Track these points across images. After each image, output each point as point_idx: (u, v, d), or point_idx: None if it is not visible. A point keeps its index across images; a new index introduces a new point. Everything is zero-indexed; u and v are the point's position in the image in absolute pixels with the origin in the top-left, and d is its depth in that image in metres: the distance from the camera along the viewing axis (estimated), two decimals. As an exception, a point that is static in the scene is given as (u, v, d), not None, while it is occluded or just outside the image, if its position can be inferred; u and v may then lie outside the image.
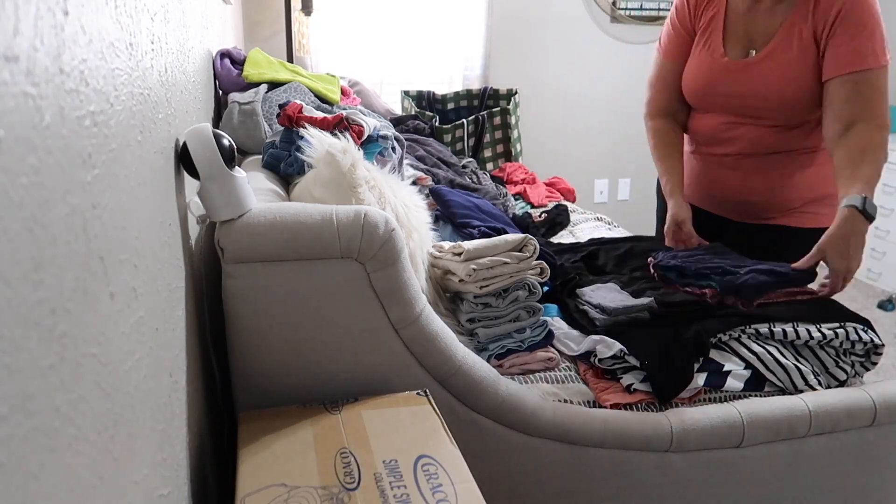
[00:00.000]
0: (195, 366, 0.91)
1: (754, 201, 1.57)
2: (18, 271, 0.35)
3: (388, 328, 1.02)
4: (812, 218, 1.53)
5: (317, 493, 0.74)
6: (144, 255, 0.65)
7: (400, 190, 1.30)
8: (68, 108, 0.44)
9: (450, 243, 1.31)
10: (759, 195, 1.55)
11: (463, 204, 1.64)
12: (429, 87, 2.79)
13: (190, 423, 0.83)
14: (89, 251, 0.47)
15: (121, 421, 0.52)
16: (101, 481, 0.47)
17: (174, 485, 0.70)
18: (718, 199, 1.64)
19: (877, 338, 1.26)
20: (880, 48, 1.36)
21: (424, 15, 3.14)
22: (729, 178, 1.58)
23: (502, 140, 2.66)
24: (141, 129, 0.67)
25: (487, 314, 1.24)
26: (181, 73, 0.99)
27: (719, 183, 1.61)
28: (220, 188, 0.92)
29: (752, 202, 1.57)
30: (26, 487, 0.35)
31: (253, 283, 0.96)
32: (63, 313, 0.41)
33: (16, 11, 0.36)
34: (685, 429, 1.12)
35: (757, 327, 1.25)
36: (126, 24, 0.62)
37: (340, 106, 1.74)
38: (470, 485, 0.76)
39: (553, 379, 1.22)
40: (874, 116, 1.36)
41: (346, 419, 0.89)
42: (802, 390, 1.22)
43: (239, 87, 1.67)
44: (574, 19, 3.37)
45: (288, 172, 1.33)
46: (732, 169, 1.57)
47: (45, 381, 0.38)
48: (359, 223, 0.97)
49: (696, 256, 1.42)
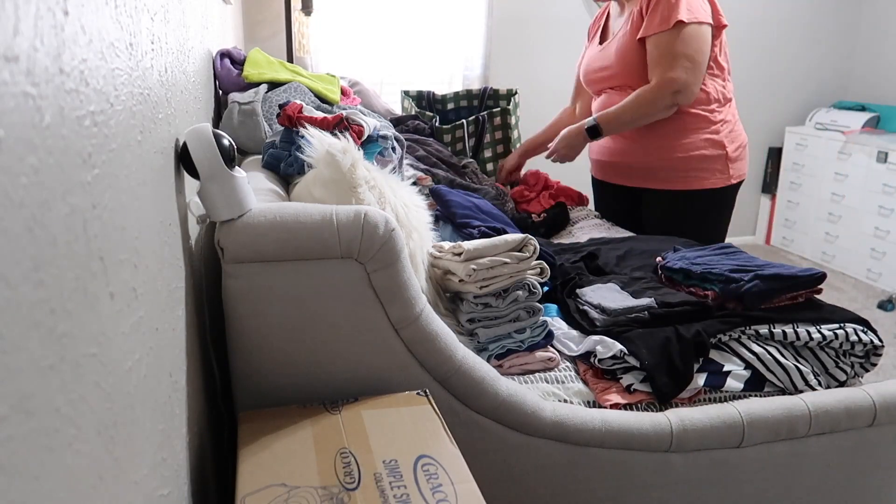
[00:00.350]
0: (195, 366, 0.91)
1: (639, 161, 1.94)
2: (18, 271, 0.35)
3: (388, 328, 1.02)
4: (695, 180, 1.87)
5: (317, 493, 0.74)
6: (144, 255, 0.65)
7: (400, 190, 1.30)
8: (68, 108, 0.44)
9: (450, 243, 1.31)
10: (642, 154, 1.92)
11: (463, 204, 1.64)
12: (429, 87, 2.79)
13: (190, 423, 0.83)
14: (89, 251, 0.47)
15: (121, 421, 0.52)
16: (101, 481, 0.47)
17: (174, 485, 0.70)
18: (614, 167, 2.03)
19: (876, 339, 1.26)
20: (667, 17, 1.73)
21: (424, 15, 3.14)
22: (613, 144, 2.00)
23: (502, 140, 2.66)
24: (141, 129, 0.67)
25: (487, 314, 1.24)
26: (181, 73, 0.99)
27: (608, 149, 2.03)
28: (220, 188, 0.92)
29: (638, 163, 1.94)
30: (26, 488, 0.35)
31: (253, 283, 0.96)
32: (63, 313, 0.41)
33: (16, 11, 0.36)
34: (685, 429, 1.12)
35: (757, 328, 1.25)
36: (126, 24, 0.62)
37: (340, 106, 1.74)
38: (470, 485, 0.76)
39: (553, 379, 1.22)
40: (654, 75, 1.76)
41: (346, 419, 0.89)
42: (802, 390, 1.22)
43: (239, 87, 1.67)
44: (574, 19, 3.37)
45: (288, 172, 1.33)
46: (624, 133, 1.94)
47: (45, 381, 0.38)
48: (359, 223, 0.97)
49: (703, 258, 1.43)
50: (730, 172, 1.88)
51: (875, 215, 3.47)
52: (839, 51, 4.01)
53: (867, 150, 3.49)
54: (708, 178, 1.87)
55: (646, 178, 1.95)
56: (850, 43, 4.01)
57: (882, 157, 3.41)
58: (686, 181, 1.88)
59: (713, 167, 1.86)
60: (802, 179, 3.91)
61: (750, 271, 1.32)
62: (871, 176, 3.48)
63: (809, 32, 3.91)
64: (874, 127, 3.72)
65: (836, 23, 3.94)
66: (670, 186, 1.90)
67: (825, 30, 3.94)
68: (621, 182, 2.03)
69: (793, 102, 4.02)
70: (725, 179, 1.88)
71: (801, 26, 3.87)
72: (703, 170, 1.86)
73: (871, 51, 3.94)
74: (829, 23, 3.93)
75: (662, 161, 1.88)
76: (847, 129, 3.69)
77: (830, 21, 3.93)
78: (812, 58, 3.97)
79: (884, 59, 3.87)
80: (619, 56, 1.86)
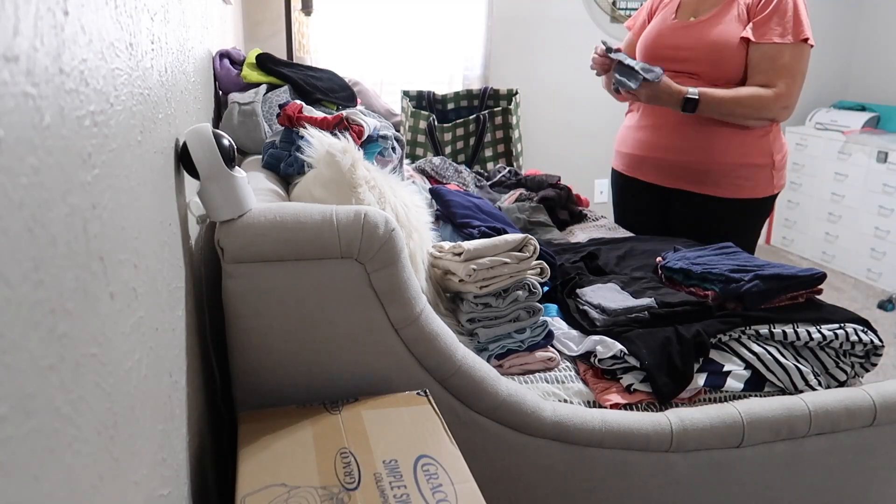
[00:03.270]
0: (195, 366, 0.91)
1: (687, 162, 1.80)
2: (18, 271, 0.35)
3: (388, 328, 1.02)
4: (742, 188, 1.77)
5: (317, 493, 0.74)
6: (144, 255, 0.65)
7: (400, 190, 1.30)
8: (68, 108, 0.44)
9: (450, 243, 1.31)
10: (693, 155, 1.79)
11: (463, 204, 1.64)
12: (429, 87, 2.79)
13: (190, 423, 0.83)
14: (89, 251, 0.47)
15: (121, 421, 0.52)
16: (101, 481, 0.47)
17: (174, 485, 0.70)
18: (652, 163, 1.88)
19: (876, 339, 1.26)
20: (792, 30, 1.65)
21: (424, 15, 3.14)
22: (656, 139, 1.85)
23: (503, 140, 2.67)
24: (141, 129, 0.67)
25: (487, 314, 1.24)
26: (181, 73, 0.99)
27: (648, 144, 1.87)
28: (220, 188, 0.92)
29: (686, 164, 1.80)
30: (26, 488, 0.35)
31: (253, 283, 0.96)
32: (63, 313, 0.41)
33: (16, 11, 0.36)
34: (685, 429, 1.12)
35: (757, 328, 1.25)
36: (126, 24, 0.62)
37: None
38: (470, 485, 0.76)
39: (553, 379, 1.22)
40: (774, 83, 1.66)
41: (346, 419, 0.89)
42: (802, 390, 1.22)
43: (239, 87, 1.67)
44: (574, 20, 3.37)
45: (288, 172, 1.33)
46: (670, 128, 1.81)
47: (45, 381, 0.38)
48: (359, 223, 0.97)
49: (704, 258, 1.43)
50: (774, 182, 1.79)
51: (875, 215, 3.47)
52: (839, 51, 4.01)
53: (867, 150, 3.49)
54: (755, 187, 1.77)
55: (688, 181, 1.81)
56: (850, 43, 4.01)
57: (882, 157, 3.41)
58: (732, 189, 1.77)
59: (760, 175, 1.76)
60: (802, 179, 3.91)
61: (750, 271, 1.32)
62: (871, 176, 3.48)
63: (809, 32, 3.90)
64: (874, 127, 3.72)
65: (836, 23, 3.94)
66: (713, 192, 1.78)
67: (825, 30, 3.94)
68: (654, 180, 1.88)
69: (793, 102, 4.01)
70: (770, 189, 1.79)
71: (801, 26, 3.86)
72: (751, 178, 1.76)
73: (871, 51, 3.94)
74: (829, 23, 3.93)
75: (713, 164, 1.77)
76: (847, 129, 3.69)
77: (830, 21, 3.93)
78: (812, 58, 3.96)
79: (884, 59, 3.87)
80: (711, 45, 1.70)
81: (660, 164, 1.85)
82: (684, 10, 1.81)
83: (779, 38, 1.65)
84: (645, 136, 1.88)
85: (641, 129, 1.89)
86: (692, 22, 1.76)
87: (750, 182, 1.77)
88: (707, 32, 1.72)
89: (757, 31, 1.67)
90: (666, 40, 1.80)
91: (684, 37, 1.76)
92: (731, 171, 1.76)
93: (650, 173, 1.89)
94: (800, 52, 1.67)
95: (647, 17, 1.95)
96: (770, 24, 1.66)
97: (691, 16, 1.79)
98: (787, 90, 1.66)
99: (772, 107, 1.66)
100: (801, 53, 1.67)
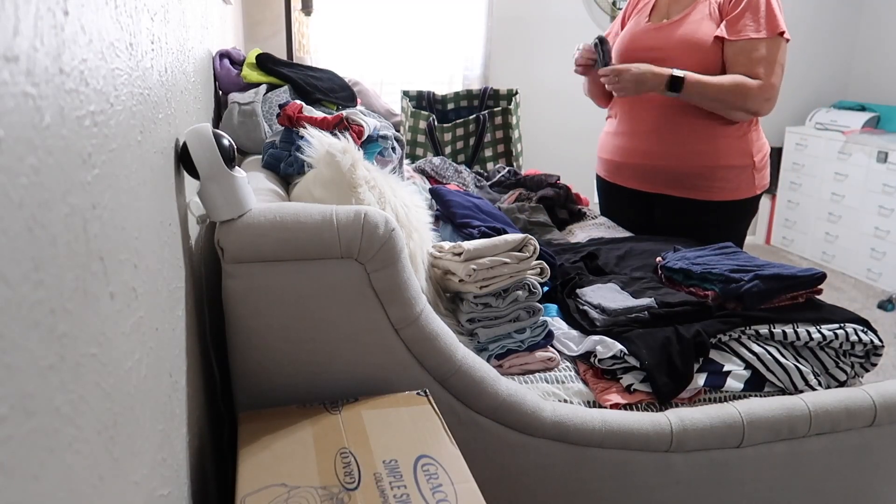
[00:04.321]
0: (195, 366, 0.91)
1: (665, 167, 1.82)
2: (18, 271, 0.35)
3: (388, 328, 1.02)
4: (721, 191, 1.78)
5: (317, 493, 0.74)
6: (144, 255, 0.65)
7: (400, 190, 1.30)
8: (68, 108, 0.44)
9: (450, 243, 1.31)
10: (670, 160, 1.80)
11: (463, 204, 1.64)
12: (429, 87, 2.79)
13: (190, 423, 0.83)
14: (89, 251, 0.47)
15: (121, 421, 0.52)
16: (101, 481, 0.47)
17: (174, 485, 0.70)
18: (630, 169, 1.90)
19: (876, 339, 1.26)
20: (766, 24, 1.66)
21: (424, 15, 3.14)
22: (633, 144, 1.87)
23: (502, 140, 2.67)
24: (141, 129, 0.67)
25: (487, 314, 1.24)
26: (181, 73, 0.99)
27: (626, 149, 1.89)
28: (220, 188, 0.92)
29: (664, 168, 1.82)
30: (26, 488, 0.35)
31: (253, 283, 0.96)
32: (63, 313, 0.41)
33: (16, 11, 0.36)
34: (685, 429, 1.12)
35: (757, 328, 1.25)
36: (126, 24, 0.62)
37: (340, 106, 1.74)
38: (470, 485, 0.76)
39: (553, 379, 1.22)
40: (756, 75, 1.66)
41: (346, 419, 0.89)
42: (802, 390, 1.22)
43: (239, 87, 1.67)
44: (574, 20, 3.37)
45: (288, 172, 1.33)
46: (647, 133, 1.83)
47: (45, 381, 0.38)
48: (359, 223, 0.97)
49: (703, 258, 1.43)
50: (755, 182, 1.79)
51: (875, 215, 3.47)
52: (839, 51, 4.01)
53: (867, 150, 3.49)
54: (735, 189, 1.78)
55: (667, 185, 1.83)
56: (850, 43, 4.01)
57: (882, 157, 3.41)
58: (712, 191, 1.78)
59: (740, 177, 1.77)
60: (802, 179, 3.91)
61: (750, 271, 1.32)
62: (871, 176, 3.48)
63: (809, 32, 3.91)
64: (874, 127, 3.72)
65: (836, 23, 3.94)
66: (693, 195, 1.80)
67: (825, 30, 3.94)
68: (636, 186, 1.90)
69: (793, 102, 4.02)
70: (752, 190, 1.79)
71: (801, 26, 3.87)
72: (731, 180, 1.77)
73: (871, 51, 3.94)
74: (829, 23, 3.93)
75: (691, 168, 1.78)
76: (847, 129, 3.69)
77: (830, 21, 3.93)
78: (812, 58, 3.97)
79: (884, 59, 3.87)
80: (685, 44, 1.72)
81: (638, 169, 1.88)
82: (657, 13, 1.85)
83: (754, 34, 1.66)
84: (622, 142, 1.90)
85: (619, 136, 1.91)
86: (665, 23, 1.80)
87: (731, 184, 1.77)
88: (679, 32, 1.75)
89: (730, 28, 1.68)
90: (640, 42, 1.82)
91: (658, 38, 1.79)
92: (709, 174, 1.77)
93: (631, 179, 1.92)
94: (777, 45, 1.67)
95: (621, 24, 1.98)
96: (743, 20, 1.67)
97: (664, 18, 1.82)
98: (769, 81, 1.66)
99: (756, 96, 1.66)
100: (777, 46, 1.68)
